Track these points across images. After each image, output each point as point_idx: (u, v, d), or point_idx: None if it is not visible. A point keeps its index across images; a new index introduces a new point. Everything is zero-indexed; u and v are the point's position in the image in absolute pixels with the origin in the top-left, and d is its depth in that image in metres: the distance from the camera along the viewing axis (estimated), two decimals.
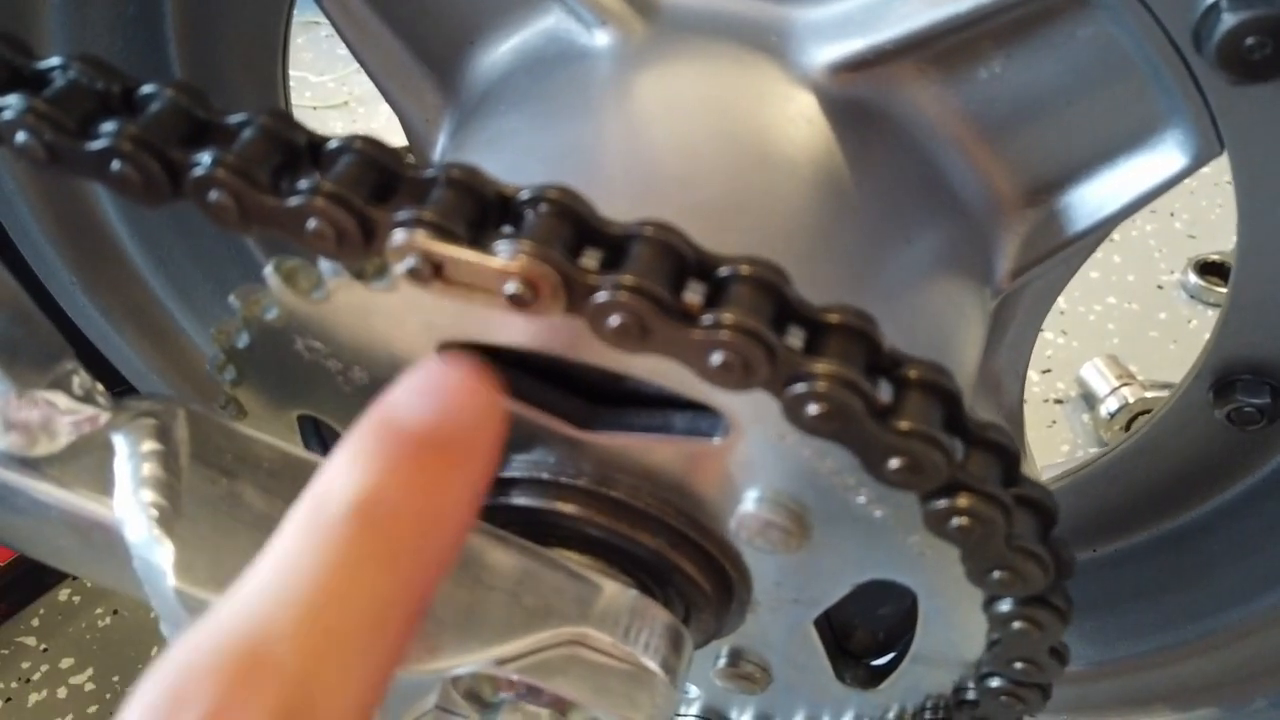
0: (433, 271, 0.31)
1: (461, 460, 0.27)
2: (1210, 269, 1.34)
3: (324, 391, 0.41)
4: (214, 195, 0.31)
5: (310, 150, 0.33)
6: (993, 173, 0.45)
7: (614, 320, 0.30)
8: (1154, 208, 0.78)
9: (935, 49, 0.41)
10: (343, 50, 0.51)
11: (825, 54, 0.42)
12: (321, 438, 0.46)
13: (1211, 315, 1.31)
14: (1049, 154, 0.44)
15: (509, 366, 0.37)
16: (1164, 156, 0.42)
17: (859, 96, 0.43)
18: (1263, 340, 0.47)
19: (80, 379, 0.37)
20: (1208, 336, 0.48)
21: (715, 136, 0.41)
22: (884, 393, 0.31)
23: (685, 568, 0.41)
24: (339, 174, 0.31)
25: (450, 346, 0.37)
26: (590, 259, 0.31)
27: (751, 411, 0.35)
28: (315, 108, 1.58)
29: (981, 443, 0.33)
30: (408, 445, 0.26)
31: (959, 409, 0.32)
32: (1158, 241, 1.39)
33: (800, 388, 0.30)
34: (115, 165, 0.32)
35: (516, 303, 0.30)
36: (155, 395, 0.41)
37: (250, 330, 0.40)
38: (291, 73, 0.55)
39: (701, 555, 0.41)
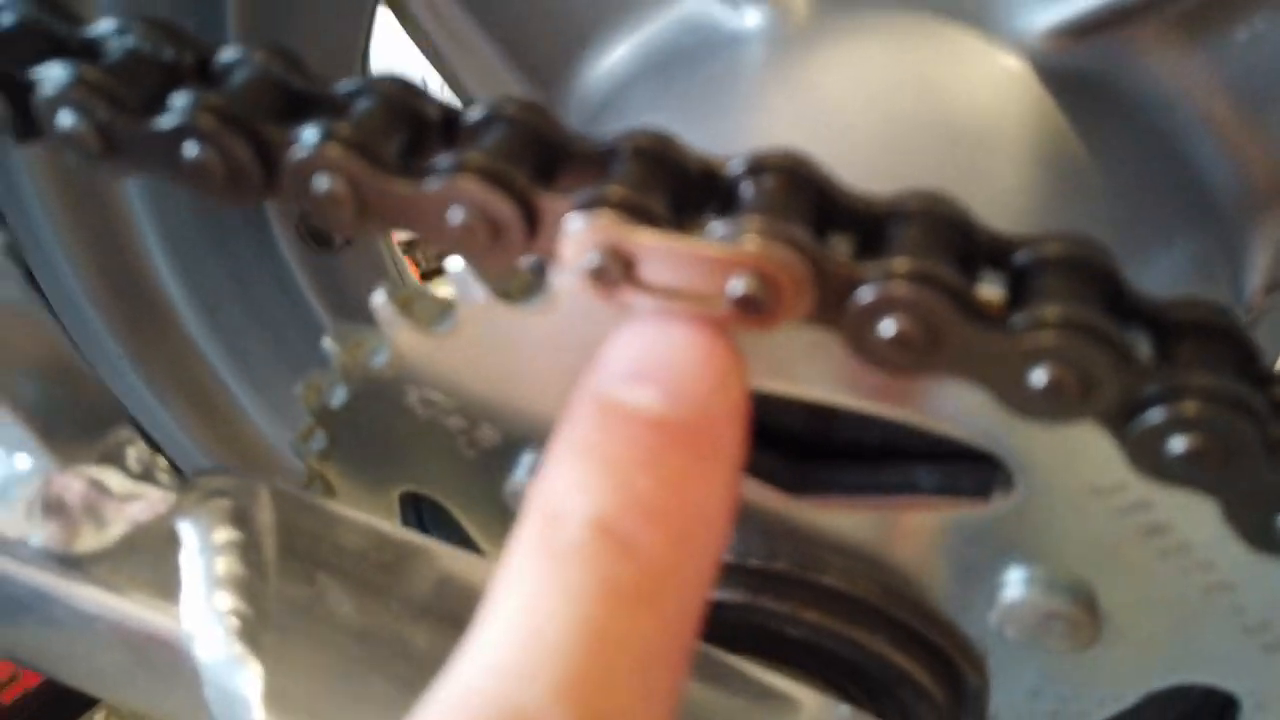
0: (621, 270, 0.22)
1: (711, 452, 0.21)
2: None
3: (439, 460, 0.32)
4: (323, 182, 0.23)
5: (445, 124, 0.24)
6: (1249, 160, 0.36)
7: (889, 326, 0.21)
8: None
9: (1184, 3, 0.33)
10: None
11: (1042, 18, 0.34)
12: (422, 522, 0.37)
13: None
14: None
15: None
16: None
17: (1086, 67, 0.35)
18: None
19: (137, 451, 0.29)
20: None
21: (921, 120, 0.33)
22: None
23: (913, 674, 0.31)
24: (488, 147, 0.23)
25: None
26: (841, 245, 0.22)
27: (1052, 456, 0.25)
28: None
29: None
30: (647, 438, 0.20)
31: None
32: None
33: (1158, 415, 0.21)
34: (191, 150, 0.24)
35: (747, 307, 0.22)
36: (229, 470, 0.32)
37: (350, 382, 0.31)
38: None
39: (934, 657, 0.31)
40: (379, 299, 0.29)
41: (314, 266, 0.53)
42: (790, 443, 0.30)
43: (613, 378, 0.21)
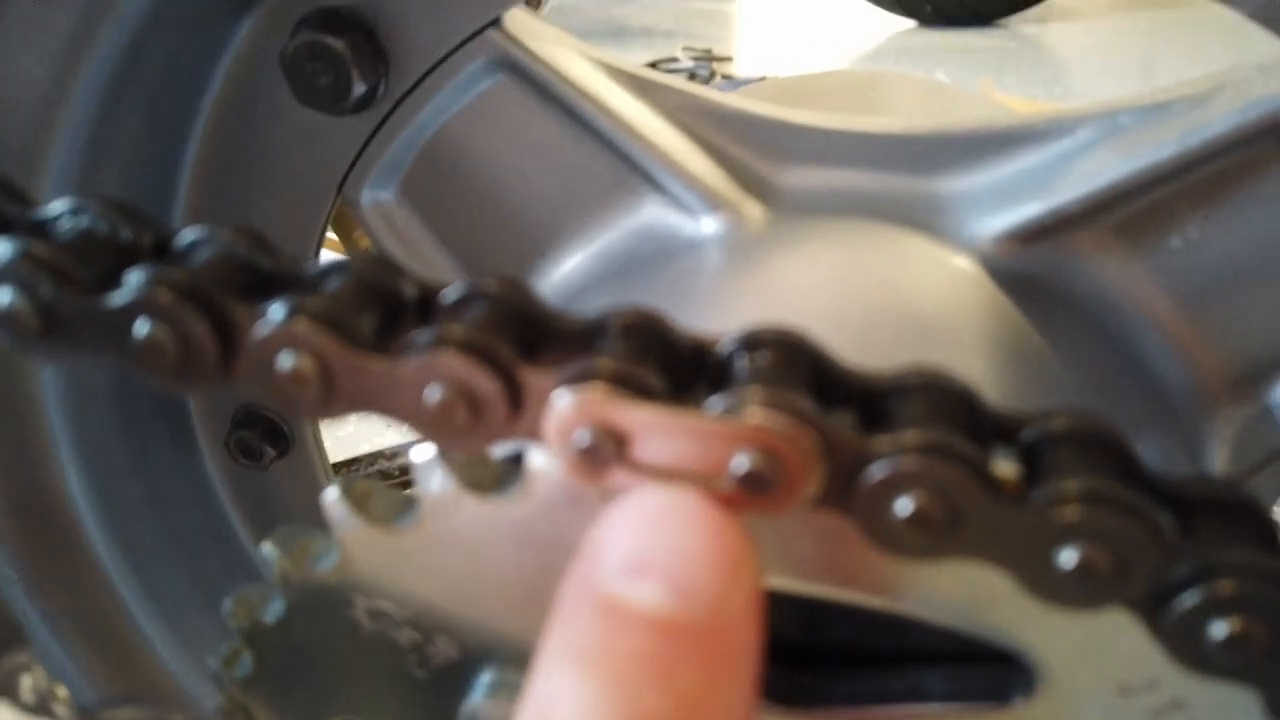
0: (614, 450, 0.21)
1: (728, 660, 0.18)
2: None
3: (385, 682, 0.28)
4: (288, 360, 0.21)
5: (422, 301, 0.23)
6: (1196, 359, 0.37)
7: (905, 505, 0.20)
8: None
9: (1119, 214, 0.35)
10: None
11: (989, 225, 0.36)
12: None
13: None
14: (1260, 333, 0.37)
15: None
16: None
17: (1036, 270, 0.36)
18: None
19: (34, 679, 0.25)
20: None
21: (880, 317, 0.33)
22: None
23: None
24: (468, 321, 0.22)
25: None
26: (844, 420, 0.21)
27: (1077, 651, 0.23)
28: None
29: None
30: (655, 646, 0.18)
31: None
32: None
33: (1196, 597, 0.20)
34: (143, 328, 0.22)
35: (753, 486, 0.20)
36: (137, 700, 0.28)
37: (289, 593, 0.28)
38: None
39: None
40: (331, 494, 0.26)
41: (240, 483, 0.50)
42: (780, 647, 0.27)
43: (611, 569, 0.19)
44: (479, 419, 0.21)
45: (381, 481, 0.26)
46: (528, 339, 0.22)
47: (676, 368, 0.22)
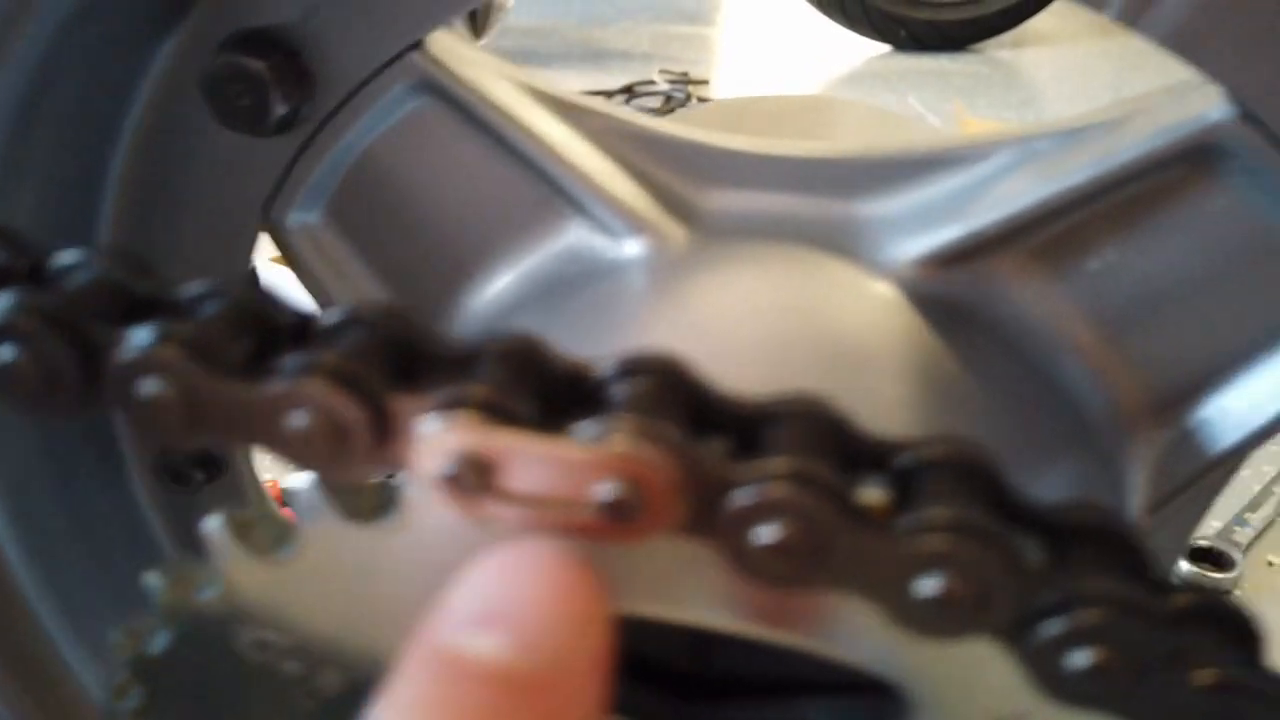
0: (480, 478, 0.20)
1: (565, 712, 0.18)
2: (1200, 555, 1.27)
3: (273, 714, 0.28)
4: (150, 386, 0.21)
5: (297, 329, 0.23)
6: (1116, 383, 0.37)
7: (767, 532, 0.20)
8: None
9: (1040, 237, 0.35)
10: None
11: (909, 248, 0.36)
12: None
13: None
14: (1179, 357, 0.37)
15: None
16: None
17: (953, 294, 0.36)
18: None
19: None
20: None
21: (797, 340, 0.33)
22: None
23: None
24: (336, 348, 0.21)
25: None
26: (716, 448, 0.21)
27: (950, 681, 0.23)
28: None
29: None
30: (489, 698, 0.17)
31: (1257, 649, 0.22)
32: None
33: (1057, 626, 0.20)
34: (6, 354, 0.21)
35: (615, 514, 0.20)
36: None
37: (174, 624, 0.27)
38: None
39: None
40: (212, 524, 0.26)
41: (170, 509, 0.49)
42: (669, 677, 0.27)
43: (455, 622, 0.19)
44: (342, 447, 0.21)
45: (264, 511, 0.26)
46: (401, 366, 0.22)
47: (552, 395, 0.22)
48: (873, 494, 0.21)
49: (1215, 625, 0.21)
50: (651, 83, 2.20)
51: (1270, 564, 0.99)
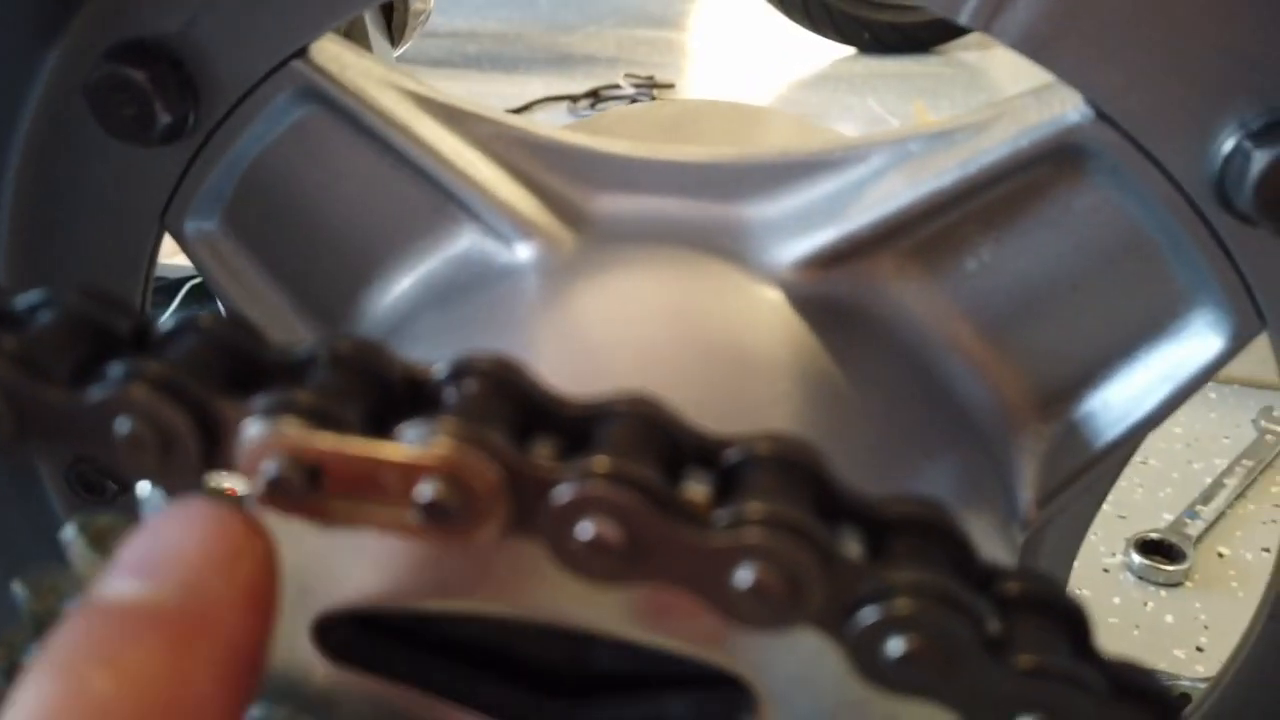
0: (307, 481, 0.21)
1: (195, 636, 0.19)
2: (1151, 548, 1.29)
3: None
4: None
5: (136, 337, 0.23)
6: (999, 380, 0.38)
7: (586, 529, 0.20)
8: None
9: (915, 237, 0.36)
10: None
11: (790, 250, 0.36)
12: None
13: (1164, 595, 1.25)
14: (1060, 353, 0.38)
15: (420, 648, 0.26)
16: (1195, 342, 0.36)
17: (834, 295, 0.36)
18: None
19: None
20: (1170, 619, 0.41)
21: (675, 342, 0.34)
22: (990, 617, 0.21)
23: None
24: (169, 356, 0.22)
25: (332, 624, 0.25)
26: (543, 448, 0.21)
27: (790, 669, 0.23)
28: None
29: (1128, 688, 0.22)
30: (113, 630, 0.18)
31: (1088, 637, 0.22)
32: (1092, 525, 1.35)
33: (873, 614, 0.20)
34: None
35: (435, 516, 0.20)
36: None
37: (44, 632, 0.27)
38: None
39: None
40: (69, 533, 0.26)
41: None
42: (547, 676, 0.27)
43: (109, 577, 0.19)
44: (170, 453, 0.21)
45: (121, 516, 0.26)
46: (235, 373, 0.22)
47: (386, 399, 0.22)
48: (695, 490, 0.21)
49: (1043, 612, 0.22)
50: (617, 86, 2.20)
51: (1221, 555, 1.01)
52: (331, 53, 0.38)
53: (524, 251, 0.38)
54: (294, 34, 0.36)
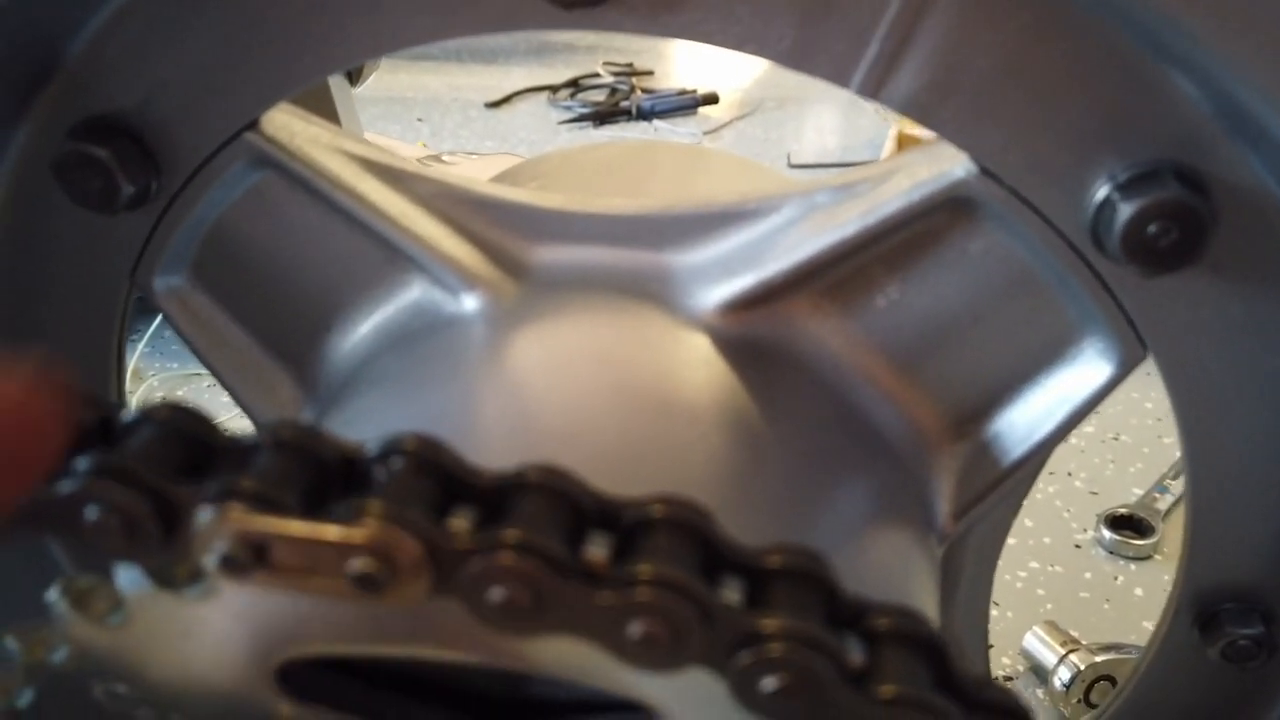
0: (254, 558, 0.24)
1: None
2: (1121, 523, 1.33)
3: None
4: None
5: (102, 429, 0.26)
6: (913, 406, 0.41)
7: (497, 593, 0.23)
8: (1051, 469, 0.77)
9: (826, 280, 0.39)
10: (226, 399, 0.46)
11: (713, 295, 0.39)
12: None
13: (1135, 569, 1.29)
14: (967, 380, 0.41)
15: (376, 683, 0.29)
16: (1087, 368, 0.39)
17: (756, 335, 0.39)
18: (1237, 559, 0.42)
19: None
20: (1139, 592, 0.44)
21: (603, 386, 0.37)
22: (854, 651, 0.24)
23: None
24: (131, 448, 0.25)
25: (293, 667, 0.28)
26: (461, 520, 0.25)
27: (689, 700, 0.27)
28: None
29: (985, 707, 0.25)
30: None
31: (948, 664, 0.25)
32: (1064, 502, 1.38)
33: (748, 655, 0.23)
34: None
35: (366, 585, 0.23)
36: None
37: (35, 681, 0.31)
38: None
39: None
40: (52, 594, 0.29)
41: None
42: (484, 705, 0.31)
43: None
44: (135, 537, 0.24)
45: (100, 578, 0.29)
46: (190, 460, 0.25)
47: (324, 479, 0.25)
48: (596, 550, 0.24)
49: (905, 644, 0.25)
50: (596, 75, 2.21)
51: None
52: (280, 122, 0.40)
53: (469, 301, 0.41)
54: (244, 109, 0.39)
